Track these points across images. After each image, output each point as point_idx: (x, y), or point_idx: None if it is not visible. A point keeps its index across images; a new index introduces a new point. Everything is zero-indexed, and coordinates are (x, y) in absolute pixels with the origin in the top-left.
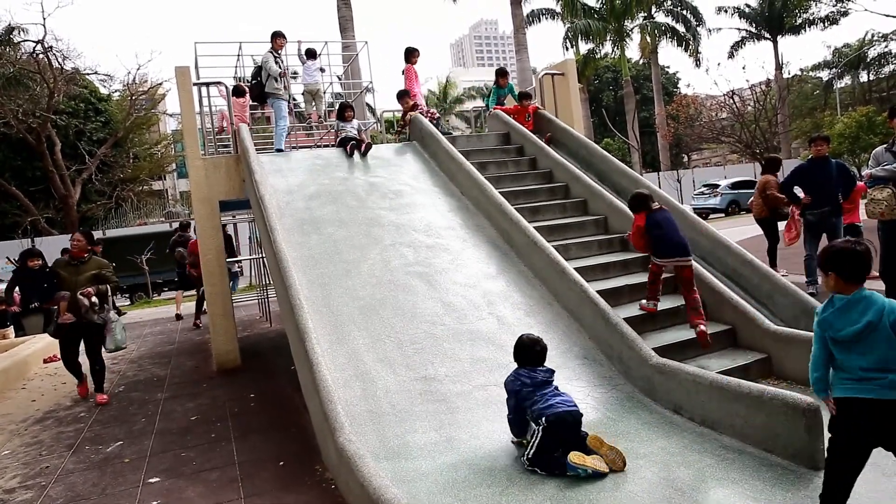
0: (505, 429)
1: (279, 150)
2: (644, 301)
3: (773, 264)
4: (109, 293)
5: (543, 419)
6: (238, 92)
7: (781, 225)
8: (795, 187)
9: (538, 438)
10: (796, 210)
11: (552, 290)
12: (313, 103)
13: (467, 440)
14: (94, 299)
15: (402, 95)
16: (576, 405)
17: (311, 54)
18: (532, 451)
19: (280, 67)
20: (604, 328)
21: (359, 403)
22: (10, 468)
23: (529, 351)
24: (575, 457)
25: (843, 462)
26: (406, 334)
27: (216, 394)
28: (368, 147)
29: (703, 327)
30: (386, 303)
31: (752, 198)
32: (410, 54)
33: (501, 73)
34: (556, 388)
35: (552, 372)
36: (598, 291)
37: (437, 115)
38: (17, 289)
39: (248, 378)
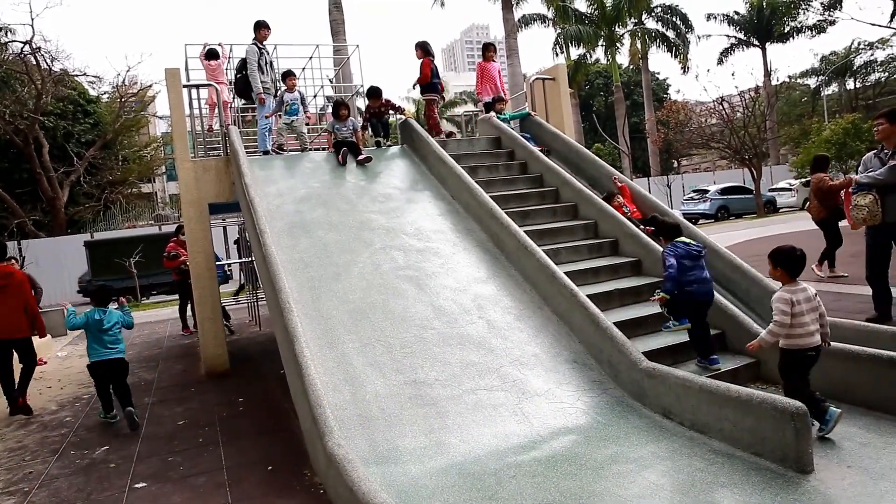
0: (494, 433)
1: (265, 152)
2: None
3: (832, 266)
4: None
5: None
6: (211, 55)
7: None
8: None
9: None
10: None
11: (542, 294)
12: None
13: (457, 444)
14: None
15: (373, 94)
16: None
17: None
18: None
19: (266, 60)
20: (593, 332)
21: (348, 408)
22: None
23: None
24: None
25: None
26: (396, 338)
27: (204, 398)
28: (367, 160)
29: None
30: (376, 306)
31: (807, 201)
32: (486, 49)
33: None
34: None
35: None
36: (588, 295)
37: (395, 108)
38: None
39: (236, 382)
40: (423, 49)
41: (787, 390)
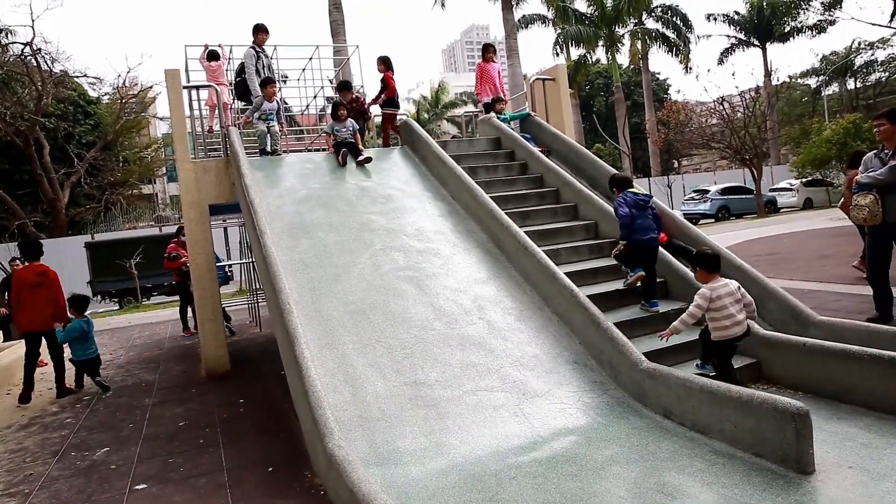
0: (494, 433)
1: (265, 153)
2: None
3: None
4: None
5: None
6: (212, 56)
7: None
8: None
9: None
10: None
11: (542, 294)
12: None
13: (457, 445)
14: None
15: (343, 87)
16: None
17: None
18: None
19: (263, 64)
20: (594, 333)
21: (348, 409)
22: None
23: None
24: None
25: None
26: (396, 339)
27: (205, 399)
28: (367, 160)
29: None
30: (376, 307)
31: (841, 199)
32: (485, 50)
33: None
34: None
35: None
36: (589, 296)
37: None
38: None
39: (237, 383)
40: (386, 63)
41: (717, 372)
